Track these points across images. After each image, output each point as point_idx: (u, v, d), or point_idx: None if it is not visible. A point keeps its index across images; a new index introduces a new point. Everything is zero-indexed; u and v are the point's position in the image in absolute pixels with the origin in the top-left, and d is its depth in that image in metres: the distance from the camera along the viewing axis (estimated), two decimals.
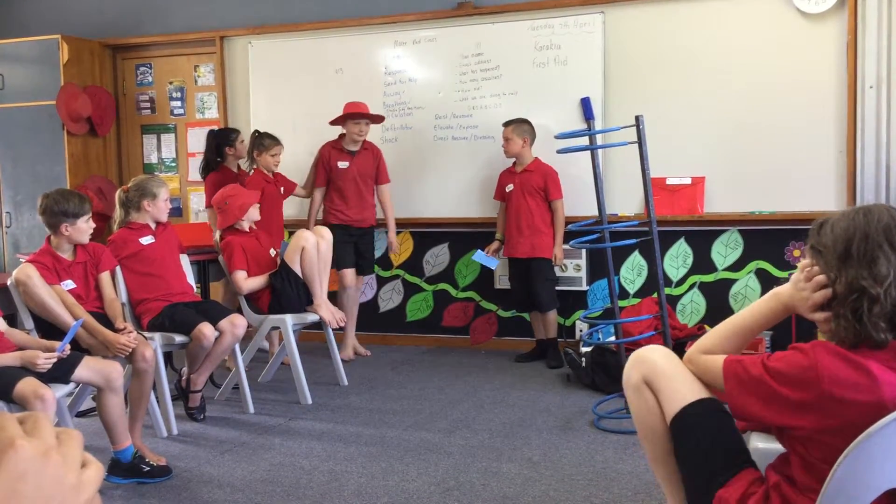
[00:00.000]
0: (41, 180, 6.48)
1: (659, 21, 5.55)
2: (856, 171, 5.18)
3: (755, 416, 1.80)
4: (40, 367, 3.13)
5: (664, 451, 2.00)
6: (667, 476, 2.03)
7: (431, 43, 6.05)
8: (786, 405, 1.71)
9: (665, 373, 2.00)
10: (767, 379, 1.73)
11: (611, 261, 4.31)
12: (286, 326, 4.72)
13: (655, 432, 2.00)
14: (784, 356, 1.74)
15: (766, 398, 1.73)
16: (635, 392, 2.03)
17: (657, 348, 2.10)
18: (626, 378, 2.08)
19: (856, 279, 1.71)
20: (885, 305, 1.69)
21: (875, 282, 1.69)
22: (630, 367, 2.07)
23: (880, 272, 1.69)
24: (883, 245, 1.71)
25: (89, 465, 0.73)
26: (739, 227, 5.49)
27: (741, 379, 1.79)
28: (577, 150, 4.17)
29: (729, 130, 5.44)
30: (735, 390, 1.79)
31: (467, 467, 3.56)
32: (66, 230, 3.77)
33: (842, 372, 1.65)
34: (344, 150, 5.69)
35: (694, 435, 1.93)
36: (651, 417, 2.00)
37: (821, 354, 1.67)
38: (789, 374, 1.70)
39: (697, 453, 1.92)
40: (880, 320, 1.69)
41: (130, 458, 3.47)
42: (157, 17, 6.84)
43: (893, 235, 1.72)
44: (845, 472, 1.61)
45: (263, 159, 5.58)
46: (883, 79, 5.10)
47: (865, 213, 1.76)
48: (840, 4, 5.15)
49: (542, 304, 5.45)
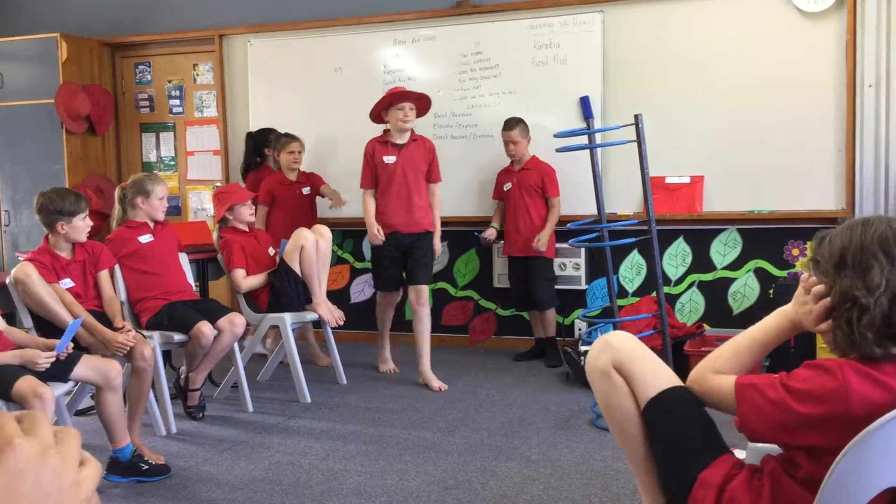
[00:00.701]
0: (40, 179, 6.47)
1: (658, 20, 5.55)
2: (855, 170, 5.18)
3: (771, 439, 1.78)
4: (40, 366, 3.13)
5: (636, 436, 1.99)
6: (638, 460, 2.01)
7: (430, 42, 6.04)
8: (806, 426, 1.68)
9: (637, 357, 1.99)
10: (789, 401, 1.70)
11: (610, 260, 4.31)
12: (285, 325, 4.72)
13: (629, 416, 1.98)
14: (808, 377, 1.70)
15: (785, 422, 1.71)
16: (603, 377, 2.00)
17: (623, 334, 2.09)
18: (591, 363, 2.04)
19: (849, 288, 1.72)
20: (874, 316, 1.68)
21: (867, 291, 1.70)
22: (598, 351, 2.04)
23: (873, 281, 1.70)
24: (878, 254, 1.71)
25: (87, 463, 0.73)
26: (738, 226, 5.49)
27: (756, 404, 1.75)
28: (577, 149, 4.16)
29: (728, 129, 5.44)
30: (751, 415, 1.76)
31: (466, 466, 3.56)
32: (62, 228, 3.76)
33: (869, 392, 1.63)
34: (389, 143, 5.02)
35: (671, 418, 1.92)
36: (624, 401, 1.98)
37: (849, 375, 1.64)
38: (814, 394, 1.67)
39: (675, 437, 1.91)
40: (868, 331, 1.69)
41: (129, 457, 3.47)
42: (156, 16, 6.84)
43: (890, 246, 1.72)
44: (845, 468, 1.60)
45: (282, 158, 5.55)
46: (882, 77, 5.10)
47: (864, 224, 1.77)
48: (839, 3, 5.15)
49: (540, 303, 5.45)
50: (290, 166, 5.56)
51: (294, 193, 5.57)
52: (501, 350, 5.91)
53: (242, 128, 6.58)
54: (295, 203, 5.55)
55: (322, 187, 5.74)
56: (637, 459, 2.02)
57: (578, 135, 4.25)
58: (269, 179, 5.58)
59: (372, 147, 5.03)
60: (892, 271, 1.71)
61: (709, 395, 1.91)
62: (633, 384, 1.98)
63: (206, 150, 6.88)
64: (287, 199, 5.54)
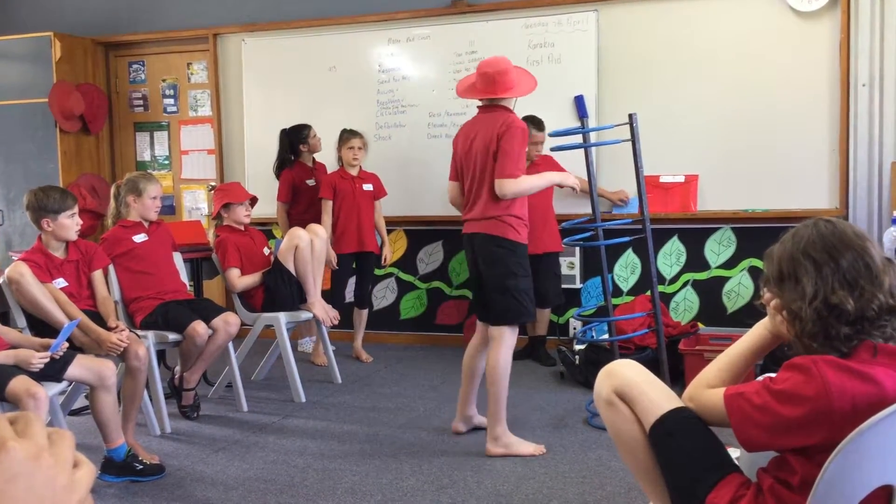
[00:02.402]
0: (33, 178, 6.45)
1: (652, 19, 5.55)
2: (848, 169, 5.19)
3: (765, 446, 1.79)
4: (34, 367, 3.13)
5: (647, 461, 2.00)
6: (652, 485, 2.02)
7: (425, 40, 6.04)
8: (794, 428, 1.68)
9: (638, 383, 2.00)
10: (773, 404, 1.70)
11: (604, 259, 4.31)
12: (279, 324, 4.72)
13: (636, 442, 1.99)
14: (787, 378, 1.71)
15: (774, 426, 1.71)
16: (608, 405, 2.03)
17: (626, 361, 2.11)
18: (596, 392, 2.08)
19: (789, 301, 1.76)
20: (813, 324, 1.70)
21: (802, 301, 1.71)
22: (600, 381, 2.07)
23: (805, 291, 1.72)
24: (804, 263, 1.74)
25: (81, 465, 0.73)
26: (732, 225, 5.50)
27: (745, 411, 1.76)
28: (571, 148, 4.17)
29: (722, 128, 5.45)
30: (742, 424, 1.77)
31: (461, 465, 3.56)
32: (47, 226, 3.75)
33: (849, 385, 1.63)
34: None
35: (675, 441, 1.93)
36: (630, 427, 1.99)
37: (825, 370, 1.65)
38: (796, 395, 1.67)
39: (681, 459, 1.92)
40: (812, 341, 1.71)
41: (123, 457, 3.46)
42: (150, 15, 6.82)
43: (816, 251, 1.73)
44: (837, 468, 1.61)
45: (343, 153, 5.54)
46: (875, 77, 5.11)
47: (793, 235, 1.81)
48: (833, 3, 5.16)
49: (551, 300, 5.41)
50: (350, 162, 5.51)
51: (354, 189, 5.51)
52: None
53: (237, 127, 6.58)
54: (352, 202, 5.49)
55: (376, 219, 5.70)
56: (650, 485, 2.02)
57: (573, 134, 4.26)
58: (331, 175, 5.56)
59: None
60: (820, 276, 1.71)
61: (704, 410, 1.92)
62: (636, 410, 1.99)
63: (201, 150, 6.87)
64: (347, 193, 5.48)
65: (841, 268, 1.71)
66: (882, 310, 1.69)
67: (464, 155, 3.75)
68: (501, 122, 3.58)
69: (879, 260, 1.73)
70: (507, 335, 3.69)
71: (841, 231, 1.75)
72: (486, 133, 3.62)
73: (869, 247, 1.73)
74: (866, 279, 1.70)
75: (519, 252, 3.66)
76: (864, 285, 1.69)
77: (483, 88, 3.68)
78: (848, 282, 1.70)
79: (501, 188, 3.55)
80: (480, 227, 3.67)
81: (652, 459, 1.98)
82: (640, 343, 4.72)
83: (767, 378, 1.77)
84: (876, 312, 1.68)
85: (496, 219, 3.63)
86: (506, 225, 3.63)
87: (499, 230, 3.63)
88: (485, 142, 3.62)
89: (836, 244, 1.73)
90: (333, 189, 5.47)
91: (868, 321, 1.69)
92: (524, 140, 3.62)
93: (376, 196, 5.65)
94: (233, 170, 6.64)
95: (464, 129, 3.83)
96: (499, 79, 3.64)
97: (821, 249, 1.73)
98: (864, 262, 1.71)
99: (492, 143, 3.58)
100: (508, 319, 3.68)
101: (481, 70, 3.68)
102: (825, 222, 1.79)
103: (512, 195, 3.57)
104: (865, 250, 1.72)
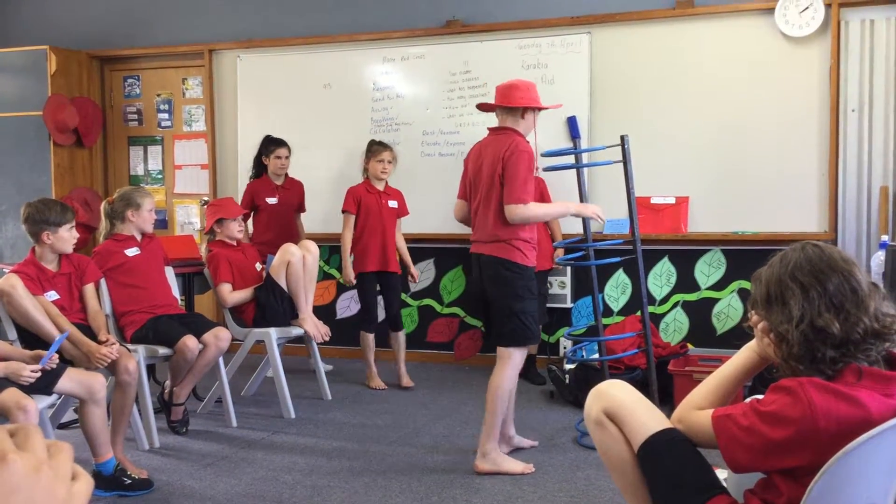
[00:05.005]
0: (26, 191, 6.45)
1: (645, 42, 5.61)
2: (837, 193, 5.24)
3: (752, 467, 1.80)
4: (24, 379, 3.12)
5: (635, 482, 2.01)
6: None
7: (420, 60, 6.09)
8: (780, 449, 1.70)
9: (627, 404, 2.02)
10: (759, 426, 1.72)
11: (595, 279, 4.33)
12: (270, 340, 4.72)
13: (625, 462, 2.01)
14: (774, 400, 1.72)
15: (761, 448, 1.72)
16: (598, 426, 2.05)
17: (616, 382, 2.13)
18: (586, 413, 2.10)
19: (776, 324, 1.78)
20: (800, 347, 1.72)
21: (789, 324, 1.74)
22: (590, 402, 2.09)
23: (792, 314, 1.74)
24: (791, 286, 1.76)
25: (79, 477, 0.74)
26: (722, 247, 5.54)
27: (732, 433, 1.78)
28: (563, 168, 4.20)
29: (713, 151, 5.50)
30: (729, 445, 1.78)
31: (451, 483, 3.56)
32: (47, 238, 3.77)
33: (834, 408, 1.65)
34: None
35: (663, 462, 1.94)
36: (619, 448, 2.01)
37: (811, 392, 1.66)
38: (782, 417, 1.69)
39: (669, 480, 1.93)
40: (798, 363, 1.73)
41: (112, 471, 3.45)
42: (145, 30, 6.85)
43: (803, 274, 1.76)
44: (822, 489, 1.63)
45: (370, 165, 5.33)
46: (865, 102, 5.17)
47: (781, 258, 1.83)
48: (823, 28, 5.22)
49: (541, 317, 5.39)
50: (378, 175, 5.30)
51: (380, 204, 5.32)
52: (486, 367, 5.86)
53: (231, 142, 6.59)
54: (377, 216, 5.28)
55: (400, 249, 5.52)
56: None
57: (565, 154, 4.29)
58: (357, 187, 5.34)
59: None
60: (807, 299, 1.74)
61: (692, 431, 1.93)
62: (625, 430, 2.00)
63: (195, 164, 6.89)
64: (373, 209, 5.29)
65: (828, 291, 1.73)
66: (867, 333, 1.71)
67: (474, 175, 3.79)
68: (507, 146, 3.61)
69: (866, 284, 1.75)
70: (514, 356, 3.70)
71: (828, 255, 1.78)
72: (493, 155, 3.65)
73: (855, 271, 1.76)
74: (852, 303, 1.72)
75: (526, 275, 3.67)
76: (850, 309, 1.71)
77: (495, 102, 3.78)
78: (834, 305, 1.72)
79: (510, 214, 3.56)
80: (488, 248, 3.68)
81: (640, 480, 1.99)
82: (630, 363, 4.74)
83: (755, 400, 1.78)
84: (861, 336, 1.70)
85: (504, 242, 3.63)
86: (513, 248, 3.64)
87: (506, 253, 3.64)
88: (491, 164, 3.65)
89: (823, 268, 1.75)
90: (358, 203, 5.28)
91: (853, 344, 1.71)
92: (530, 163, 3.61)
93: (400, 214, 5.47)
94: (226, 185, 6.65)
95: (475, 149, 3.87)
96: (507, 92, 3.71)
97: (808, 273, 1.76)
98: (851, 287, 1.73)
99: (497, 166, 3.61)
100: (513, 341, 3.69)
101: (498, 87, 3.79)
102: (813, 246, 1.81)
103: (521, 220, 3.58)
104: (852, 274, 1.75)
